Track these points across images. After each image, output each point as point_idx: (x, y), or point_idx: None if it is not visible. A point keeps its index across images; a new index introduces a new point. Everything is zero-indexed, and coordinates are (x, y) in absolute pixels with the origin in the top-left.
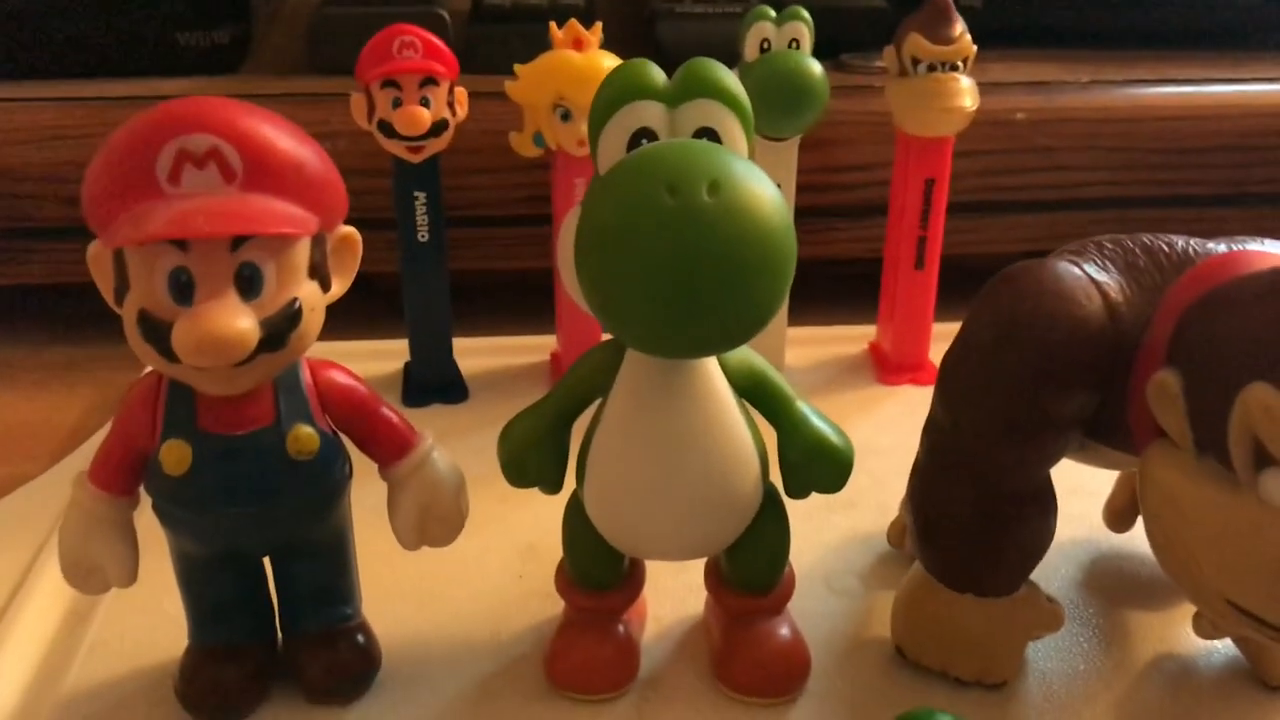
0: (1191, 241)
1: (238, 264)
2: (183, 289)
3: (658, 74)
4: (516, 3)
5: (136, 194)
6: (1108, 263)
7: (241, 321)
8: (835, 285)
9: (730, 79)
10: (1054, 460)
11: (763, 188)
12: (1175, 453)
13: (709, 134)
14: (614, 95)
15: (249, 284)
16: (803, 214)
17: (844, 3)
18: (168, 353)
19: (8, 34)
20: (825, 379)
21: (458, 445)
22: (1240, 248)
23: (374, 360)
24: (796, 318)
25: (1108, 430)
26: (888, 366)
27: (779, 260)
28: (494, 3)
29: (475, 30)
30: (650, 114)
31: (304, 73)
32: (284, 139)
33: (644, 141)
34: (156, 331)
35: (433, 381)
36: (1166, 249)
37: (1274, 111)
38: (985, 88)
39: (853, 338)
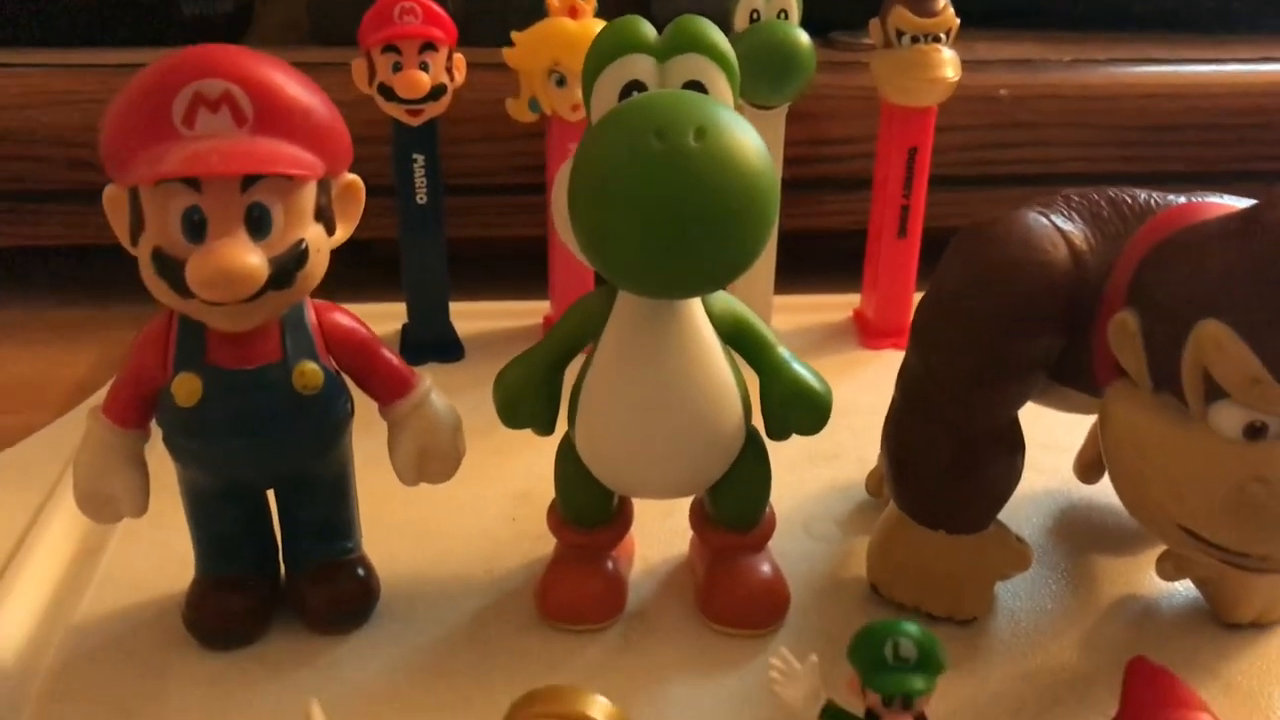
0: (1153, 194)
1: (248, 204)
2: (195, 227)
3: (648, 29)
4: None
5: (153, 135)
6: (1074, 213)
7: (251, 258)
8: (822, 256)
9: (717, 35)
10: (1021, 402)
11: (746, 135)
12: (1134, 390)
13: (696, 86)
14: (607, 49)
15: (258, 224)
16: (791, 186)
17: None
18: (181, 288)
19: (20, 2)
20: (811, 343)
21: (454, 401)
22: (1199, 200)
23: (372, 322)
24: (784, 286)
25: (1072, 373)
26: (870, 331)
27: (761, 203)
28: None
29: (473, 3)
30: (641, 67)
31: (305, 43)
32: (293, 86)
33: (635, 93)
34: (170, 268)
35: (429, 341)
36: (1129, 200)
37: (1249, 91)
38: (971, 65)
39: (838, 305)
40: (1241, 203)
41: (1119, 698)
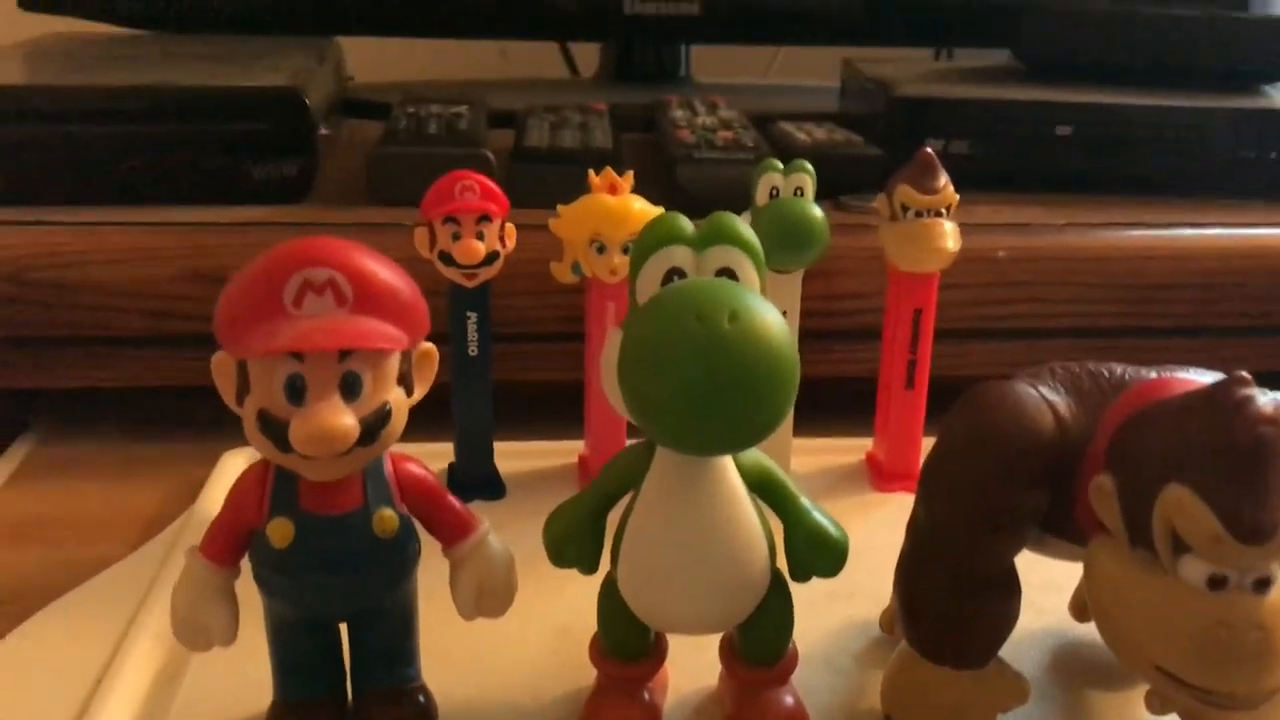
0: (1128, 369)
1: (343, 372)
2: (297, 392)
3: (687, 224)
4: (552, 145)
5: (266, 314)
6: (1058, 385)
7: (346, 419)
8: (836, 400)
9: (745, 229)
10: (1016, 550)
11: (772, 317)
12: (1113, 544)
13: (728, 273)
14: (652, 240)
15: (351, 389)
16: (807, 337)
17: (842, 150)
18: (283, 444)
19: (108, 164)
20: (827, 485)
21: (498, 536)
22: (1167, 375)
23: (422, 459)
24: (801, 429)
25: (1059, 525)
26: (882, 475)
27: (785, 376)
28: (532, 145)
29: (516, 168)
30: (681, 256)
31: (363, 203)
32: (384, 271)
33: (675, 278)
34: (273, 427)
35: (474, 480)
36: (1106, 374)
37: (1231, 254)
38: (972, 228)
39: (851, 448)
40: (1203, 379)
41: None
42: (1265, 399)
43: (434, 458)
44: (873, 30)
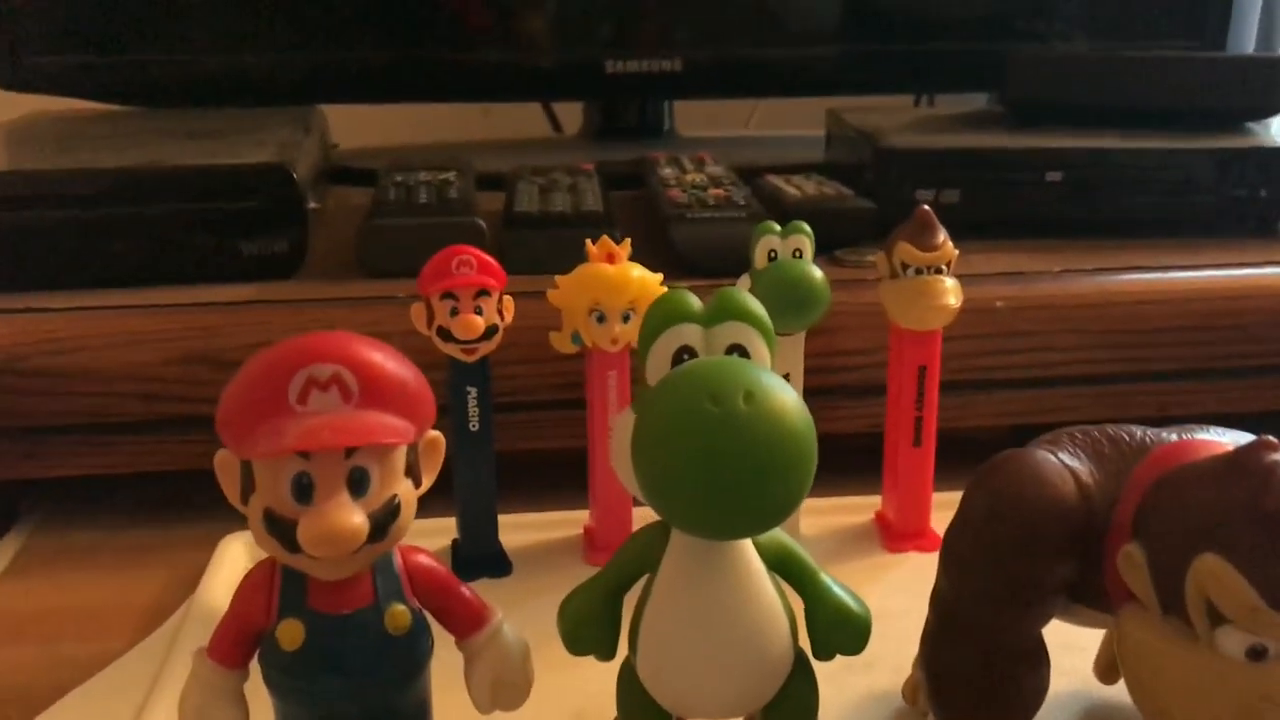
0: (1148, 431)
1: (350, 468)
2: (304, 490)
3: (694, 301)
4: (544, 210)
5: (271, 412)
6: (1079, 451)
7: (356, 518)
8: (842, 457)
9: (754, 305)
10: (1044, 621)
11: (788, 396)
12: (1145, 613)
13: (739, 349)
14: (661, 319)
15: (359, 485)
16: (811, 394)
17: (837, 205)
18: (291, 544)
19: (93, 247)
20: (836, 547)
21: (506, 617)
22: (1189, 437)
23: (423, 537)
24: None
25: (1088, 594)
26: (893, 534)
27: (803, 456)
28: (524, 211)
29: (507, 235)
30: (690, 334)
31: (354, 275)
32: (391, 364)
33: (685, 356)
34: (280, 527)
35: (479, 557)
36: (1127, 438)
37: (1228, 294)
38: (967, 279)
39: (861, 507)
40: (1222, 439)
41: None
42: None
43: (437, 534)
44: (852, 80)
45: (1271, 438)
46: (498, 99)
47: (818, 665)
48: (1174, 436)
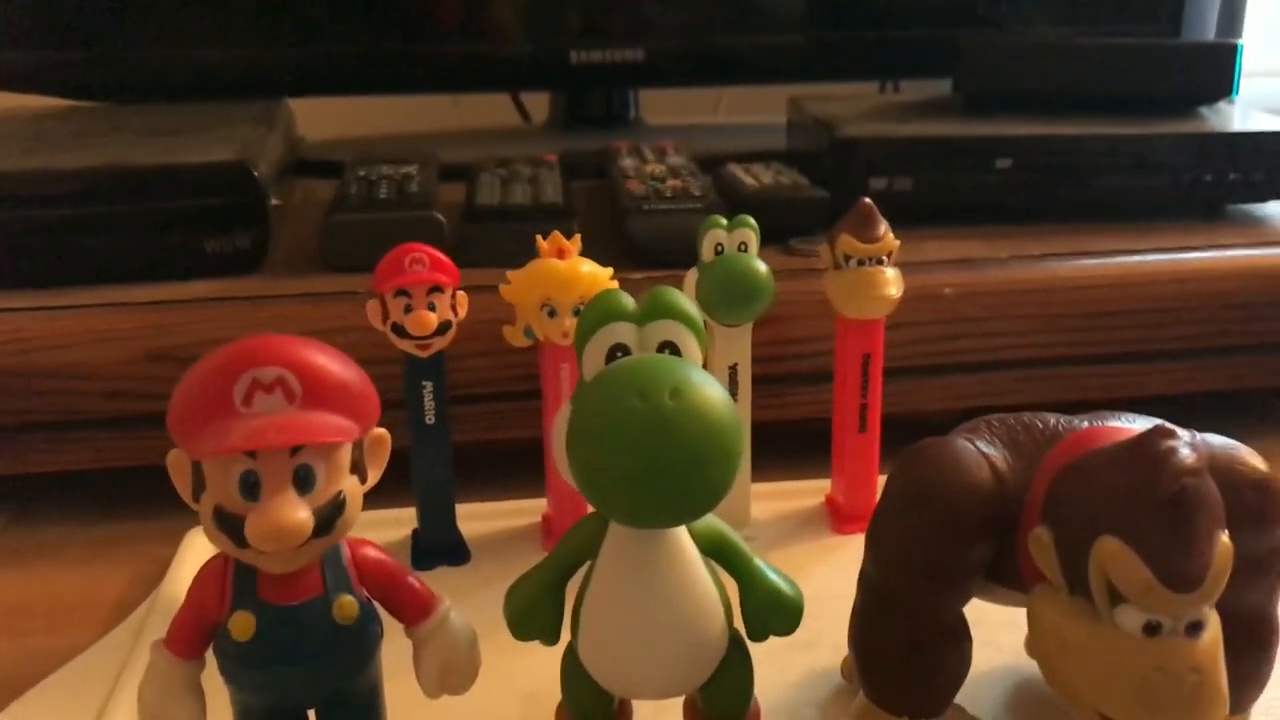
0: (1061, 419)
1: (295, 466)
2: (251, 488)
3: (628, 301)
4: (504, 203)
5: (217, 414)
6: (995, 438)
7: (300, 513)
8: (795, 442)
9: (686, 303)
10: (963, 600)
11: (714, 391)
12: (1053, 592)
13: (670, 346)
14: (596, 318)
15: (304, 482)
16: (762, 382)
17: (793, 195)
18: (240, 540)
19: (58, 247)
20: (787, 530)
21: (463, 604)
22: (1099, 424)
23: (384, 528)
24: (759, 474)
25: (1004, 574)
26: (841, 517)
27: (728, 449)
28: (484, 204)
29: (467, 229)
30: (623, 332)
31: (316, 270)
32: (334, 365)
33: (619, 354)
34: (230, 523)
35: (438, 546)
36: (1040, 425)
37: (1172, 278)
38: (918, 265)
39: (810, 491)
40: (1134, 426)
41: None
42: (1187, 450)
43: (397, 525)
44: (816, 68)
45: (1168, 425)
46: (463, 90)
47: (760, 646)
48: (1085, 424)
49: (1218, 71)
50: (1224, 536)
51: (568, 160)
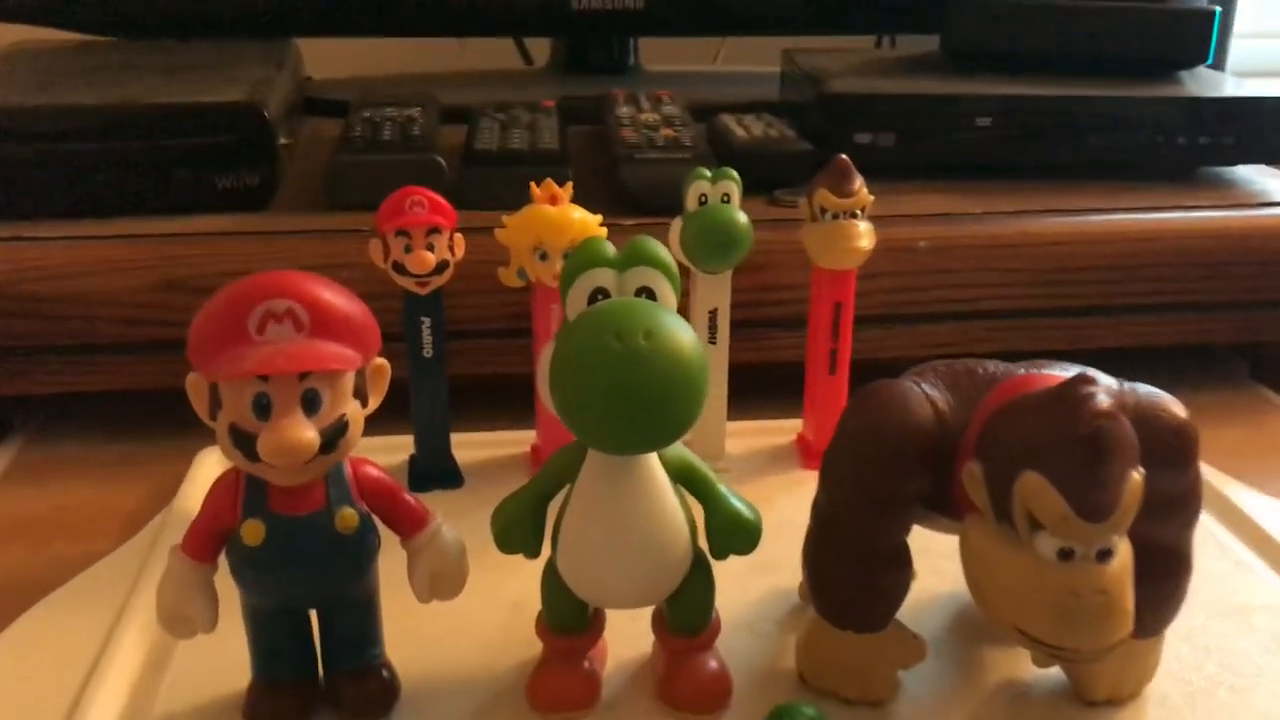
0: (1000, 365)
1: (303, 390)
2: (263, 409)
3: (609, 249)
4: (502, 148)
5: (232, 341)
6: (939, 381)
7: (308, 433)
8: (774, 384)
9: (663, 252)
10: (904, 527)
11: (684, 334)
12: (983, 522)
13: (647, 291)
14: (579, 264)
15: (311, 405)
16: (743, 326)
17: (779, 147)
18: (252, 455)
19: (76, 180)
20: (760, 465)
21: (455, 523)
22: (1035, 371)
23: (384, 453)
24: (738, 413)
25: (943, 505)
26: (810, 454)
27: (694, 386)
28: (483, 148)
29: (467, 172)
30: (604, 277)
31: (322, 209)
32: (338, 299)
33: (600, 297)
34: (244, 440)
35: (434, 471)
36: (981, 371)
37: (1140, 236)
38: (897, 219)
39: (784, 429)
40: (1067, 374)
41: None
42: (1104, 395)
43: (396, 450)
44: (812, 21)
45: (1091, 373)
46: (467, 34)
47: (730, 567)
48: (1021, 371)
49: (1194, 37)
50: (1136, 474)
51: (566, 106)
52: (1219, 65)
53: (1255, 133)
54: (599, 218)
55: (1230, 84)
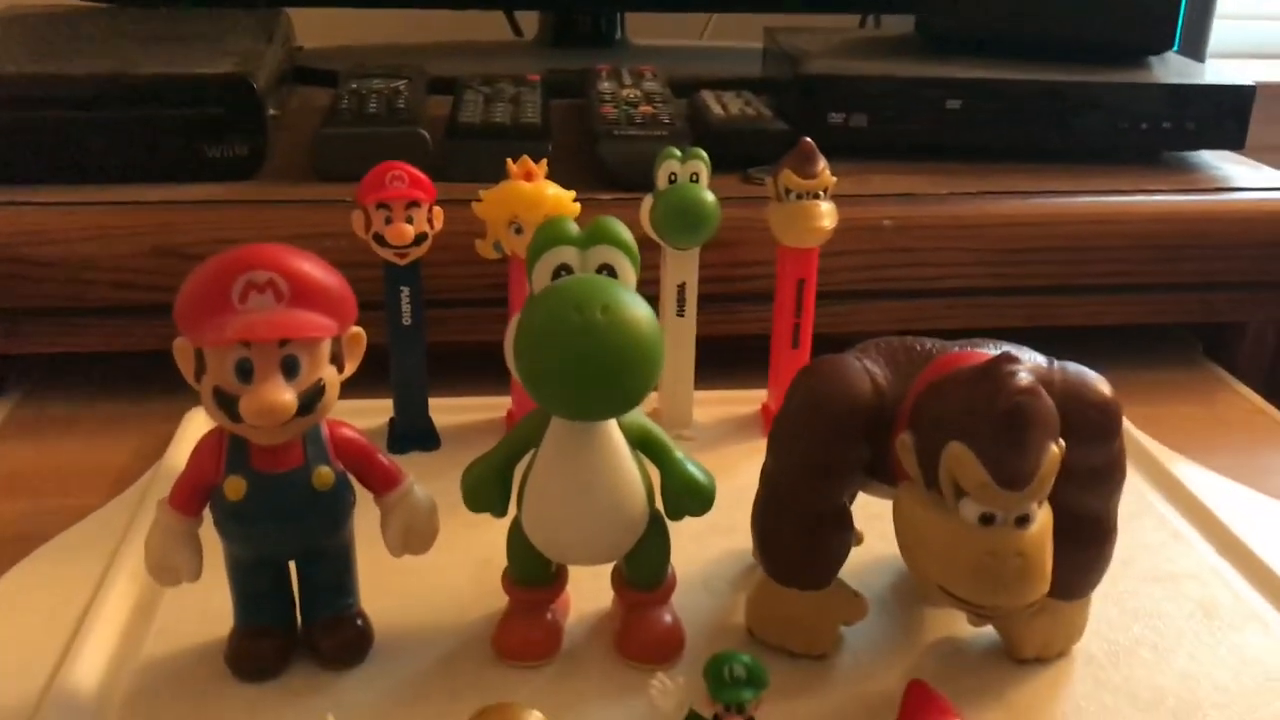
0: (937, 343)
1: (283, 356)
2: (245, 373)
3: (573, 228)
4: (485, 121)
5: (216, 309)
6: (879, 357)
7: (286, 395)
8: (742, 355)
9: (624, 232)
10: (845, 492)
11: (639, 309)
12: (913, 488)
13: (608, 269)
14: (544, 241)
15: (290, 370)
16: (712, 300)
17: (755, 126)
18: (235, 416)
19: (69, 147)
20: (725, 433)
21: (432, 484)
22: (968, 350)
23: (364, 416)
24: (706, 383)
25: (881, 472)
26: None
27: (648, 358)
28: (466, 121)
29: (450, 145)
30: (567, 255)
31: (309, 179)
32: (317, 271)
33: (563, 273)
34: (227, 402)
35: (412, 433)
36: (919, 348)
37: (1097, 218)
38: (864, 199)
39: (749, 399)
40: (993, 352)
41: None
42: (1025, 373)
43: (376, 413)
44: None
45: (1016, 351)
46: (455, 6)
47: (688, 529)
48: (955, 348)
49: (1160, 22)
50: (1054, 447)
51: (552, 79)
52: (1196, 49)
53: (1215, 119)
54: (573, 193)
55: (1194, 69)
